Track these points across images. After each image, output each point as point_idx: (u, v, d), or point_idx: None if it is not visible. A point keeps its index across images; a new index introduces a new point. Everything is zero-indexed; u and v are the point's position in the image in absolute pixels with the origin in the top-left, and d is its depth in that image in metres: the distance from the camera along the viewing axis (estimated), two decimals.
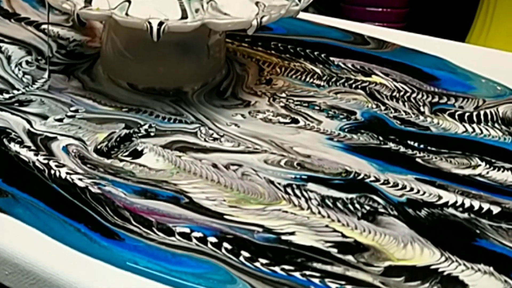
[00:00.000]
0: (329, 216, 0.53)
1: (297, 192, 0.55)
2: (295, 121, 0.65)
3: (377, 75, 0.75)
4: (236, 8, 0.62)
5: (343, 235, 0.51)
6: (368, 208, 0.54)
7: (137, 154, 0.60)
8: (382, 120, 0.66)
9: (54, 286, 0.48)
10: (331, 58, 0.78)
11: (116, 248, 0.49)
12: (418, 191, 0.56)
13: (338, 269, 0.48)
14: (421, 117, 0.67)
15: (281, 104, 0.68)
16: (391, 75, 0.75)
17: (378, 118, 0.67)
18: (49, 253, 0.49)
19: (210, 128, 0.63)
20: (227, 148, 0.61)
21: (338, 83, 0.73)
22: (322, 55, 0.78)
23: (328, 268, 0.48)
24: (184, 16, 0.61)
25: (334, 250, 0.50)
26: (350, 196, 0.55)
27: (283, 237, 0.51)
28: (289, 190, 0.55)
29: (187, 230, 0.51)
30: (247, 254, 0.49)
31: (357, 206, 0.54)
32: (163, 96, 0.69)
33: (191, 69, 0.70)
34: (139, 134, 0.62)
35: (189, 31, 0.62)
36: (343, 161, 0.60)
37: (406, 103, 0.69)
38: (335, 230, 0.52)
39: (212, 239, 0.50)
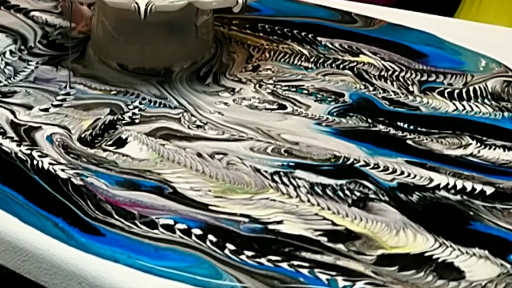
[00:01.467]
0: (318, 204, 0.50)
1: (285, 180, 0.52)
2: (283, 107, 0.62)
3: (365, 54, 0.71)
4: None
5: (334, 223, 0.48)
6: (358, 194, 0.51)
7: (121, 143, 0.57)
8: (370, 101, 0.63)
9: (46, 262, 0.45)
10: (319, 38, 0.74)
11: (95, 244, 0.46)
12: (409, 175, 0.53)
13: (328, 259, 0.45)
14: (410, 97, 0.64)
15: (268, 90, 0.64)
16: (379, 53, 0.71)
17: (366, 100, 0.63)
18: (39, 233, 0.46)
19: (192, 115, 0.60)
20: (211, 136, 0.58)
21: (325, 64, 0.69)
22: (310, 36, 0.75)
23: (318, 257, 0.45)
24: None
25: (324, 239, 0.46)
26: (339, 182, 0.52)
27: (270, 227, 0.48)
28: (276, 178, 0.52)
29: (171, 222, 0.48)
30: (232, 247, 0.46)
31: (347, 192, 0.51)
32: (151, 77, 0.66)
33: (180, 48, 0.67)
34: (124, 122, 0.59)
35: (177, 11, 0.60)
36: (332, 146, 0.57)
37: (394, 83, 0.66)
38: (325, 218, 0.48)
39: (197, 231, 0.47)
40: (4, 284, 0.61)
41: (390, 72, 0.68)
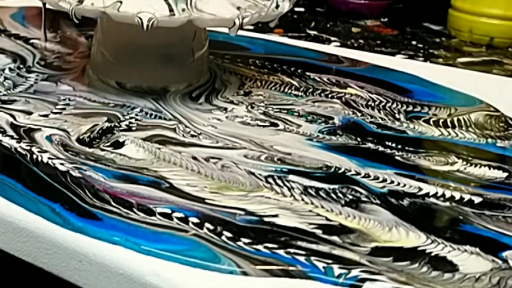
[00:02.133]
0: (312, 203, 0.48)
1: (279, 182, 0.51)
2: (275, 124, 0.61)
3: (352, 87, 0.71)
4: (220, 11, 0.60)
5: (328, 219, 0.47)
6: (351, 197, 0.50)
7: (118, 145, 0.55)
8: (359, 124, 0.63)
9: (46, 242, 0.43)
10: (307, 73, 0.74)
11: (92, 228, 0.44)
12: (399, 184, 0.52)
13: (323, 248, 0.43)
14: (397, 123, 0.63)
15: (260, 111, 0.64)
16: (366, 88, 0.71)
17: (355, 123, 0.63)
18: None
19: (187, 126, 0.60)
20: (206, 144, 0.57)
21: (315, 94, 0.69)
22: (299, 71, 0.75)
23: (314, 246, 0.43)
24: (172, 14, 0.58)
25: (319, 231, 0.45)
26: (332, 186, 0.51)
27: (266, 219, 0.46)
28: (270, 180, 0.51)
29: (168, 211, 0.46)
30: (229, 234, 0.44)
31: (340, 195, 0.50)
32: (148, 94, 0.65)
33: (177, 71, 0.67)
34: (120, 128, 0.58)
35: (175, 36, 0.62)
36: (323, 158, 0.55)
37: (381, 111, 0.66)
38: (319, 215, 0.47)
39: (194, 220, 0.45)
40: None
41: (377, 103, 0.68)
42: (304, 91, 0.70)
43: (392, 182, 0.53)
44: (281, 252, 0.43)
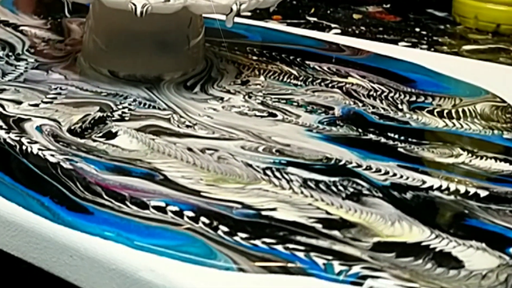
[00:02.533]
0: (312, 196, 0.48)
1: (277, 174, 0.50)
2: (273, 115, 0.60)
3: (353, 77, 0.70)
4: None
5: (328, 213, 0.46)
6: (352, 190, 0.49)
7: (110, 135, 0.55)
8: (360, 115, 0.62)
9: (36, 236, 0.43)
10: (307, 62, 0.73)
11: (82, 222, 0.43)
12: (402, 176, 0.52)
13: (323, 243, 0.43)
14: (400, 113, 0.63)
15: (258, 101, 0.63)
16: (368, 77, 0.71)
17: (356, 113, 0.62)
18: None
19: (182, 117, 0.59)
20: (201, 134, 0.56)
21: (314, 83, 0.69)
22: (298, 59, 0.74)
23: (313, 241, 0.43)
24: (167, 0, 0.57)
25: (318, 226, 0.44)
26: (332, 179, 0.50)
27: (264, 213, 0.45)
28: (268, 172, 0.50)
29: (162, 204, 0.46)
30: (225, 229, 0.44)
31: (341, 188, 0.49)
32: (141, 83, 0.65)
33: (172, 59, 0.66)
34: (113, 118, 0.58)
35: (170, 23, 0.61)
36: (323, 149, 0.55)
37: (383, 101, 0.65)
38: (319, 208, 0.46)
39: (189, 213, 0.45)
40: None
41: (379, 93, 0.67)
42: (303, 80, 0.69)
43: (394, 174, 0.52)
44: (279, 247, 0.42)
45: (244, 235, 0.43)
